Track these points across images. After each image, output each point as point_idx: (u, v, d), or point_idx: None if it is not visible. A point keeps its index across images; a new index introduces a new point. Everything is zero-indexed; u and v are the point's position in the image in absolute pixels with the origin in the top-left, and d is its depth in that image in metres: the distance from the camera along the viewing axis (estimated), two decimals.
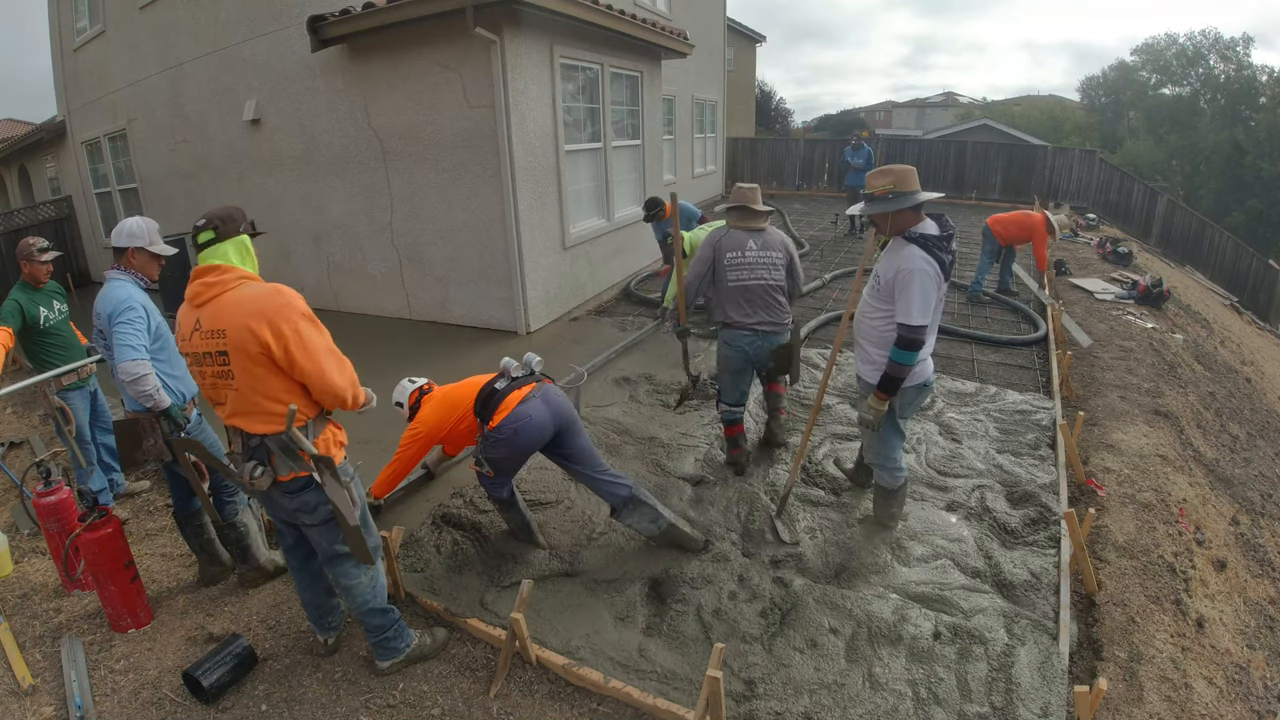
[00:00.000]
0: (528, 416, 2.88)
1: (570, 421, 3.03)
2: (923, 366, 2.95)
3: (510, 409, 2.88)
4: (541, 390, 2.99)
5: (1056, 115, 32.28)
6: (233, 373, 2.01)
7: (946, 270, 2.77)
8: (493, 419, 2.91)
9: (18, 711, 2.45)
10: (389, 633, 2.48)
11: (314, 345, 2.03)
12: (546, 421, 2.92)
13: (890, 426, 3.09)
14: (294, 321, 2.00)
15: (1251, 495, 4.49)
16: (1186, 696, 2.47)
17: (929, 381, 3.04)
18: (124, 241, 2.85)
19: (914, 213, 2.82)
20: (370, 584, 2.38)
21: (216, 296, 2.03)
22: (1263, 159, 24.62)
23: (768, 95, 34.13)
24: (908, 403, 3.06)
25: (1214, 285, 13.47)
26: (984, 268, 7.35)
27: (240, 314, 1.97)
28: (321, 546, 2.31)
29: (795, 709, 2.33)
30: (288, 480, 2.14)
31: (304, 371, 2.03)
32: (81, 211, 10.83)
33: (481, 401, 2.98)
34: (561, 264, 6.82)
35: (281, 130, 7.25)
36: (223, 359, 2.01)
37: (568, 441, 3.03)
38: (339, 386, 2.10)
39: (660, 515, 3.09)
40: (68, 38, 9.89)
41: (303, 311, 2.04)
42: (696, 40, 9.46)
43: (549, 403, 2.96)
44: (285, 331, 1.97)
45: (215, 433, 3.05)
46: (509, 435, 2.87)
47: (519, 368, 3.10)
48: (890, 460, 3.15)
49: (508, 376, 3.04)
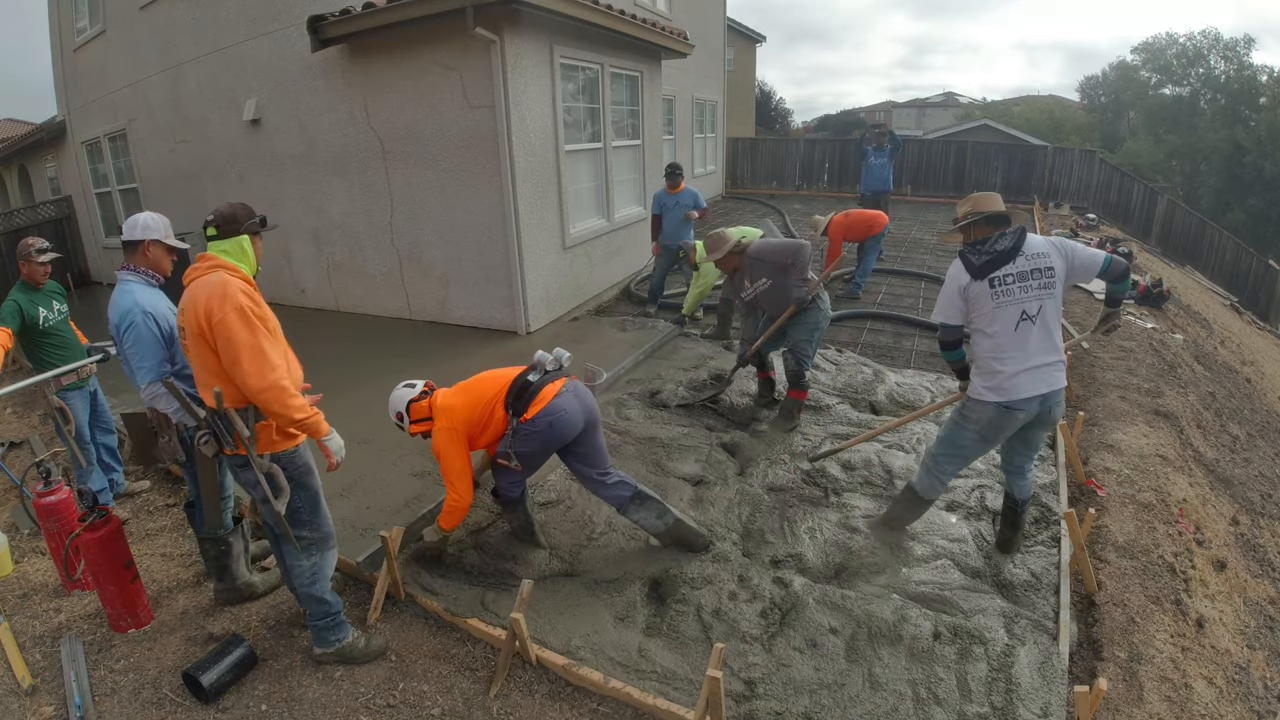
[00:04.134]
0: (563, 410, 2.87)
1: (595, 420, 3.04)
2: (1003, 380, 2.78)
3: (546, 401, 2.87)
4: (572, 385, 2.99)
5: (1056, 115, 32.26)
6: (189, 348, 2.25)
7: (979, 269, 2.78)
8: (527, 411, 2.87)
9: (18, 711, 2.45)
10: (322, 622, 2.57)
11: (235, 338, 2.13)
12: (578, 416, 2.92)
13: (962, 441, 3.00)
14: (224, 311, 2.13)
15: (1251, 495, 4.49)
16: (1186, 696, 2.47)
17: (1010, 404, 2.77)
18: (138, 234, 2.78)
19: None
20: (310, 570, 2.48)
21: (192, 280, 2.25)
22: (1263, 159, 24.60)
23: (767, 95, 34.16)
24: (988, 422, 2.86)
25: (1214, 285, 13.47)
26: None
27: (194, 297, 2.18)
28: (267, 523, 2.50)
29: (795, 709, 2.33)
30: (231, 456, 2.33)
31: (223, 359, 2.18)
32: (81, 211, 10.82)
33: (515, 393, 2.93)
34: (561, 264, 6.82)
35: (282, 130, 7.25)
36: (183, 334, 2.27)
37: (587, 440, 3.01)
38: (249, 383, 2.16)
39: (667, 510, 3.10)
40: (68, 38, 9.88)
41: (237, 305, 2.14)
42: (696, 40, 9.45)
43: (579, 398, 2.96)
44: (216, 318, 2.13)
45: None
46: (543, 428, 2.85)
47: (552, 360, 3.06)
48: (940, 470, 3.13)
49: (541, 369, 3.01)
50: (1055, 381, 2.78)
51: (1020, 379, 2.73)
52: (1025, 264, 2.70)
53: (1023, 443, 3.02)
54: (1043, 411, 2.82)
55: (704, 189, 15.06)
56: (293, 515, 2.41)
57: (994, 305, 2.73)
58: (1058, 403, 2.84)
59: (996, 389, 2.77)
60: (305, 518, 2.44)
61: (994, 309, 2.73)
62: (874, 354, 5.83)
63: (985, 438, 2.90)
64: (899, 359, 5.69)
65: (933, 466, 3.10)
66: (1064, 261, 2.75)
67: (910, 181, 15.39)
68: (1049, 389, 2.76)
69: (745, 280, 4.44)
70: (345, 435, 2.54)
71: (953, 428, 3.01)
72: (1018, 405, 2.76)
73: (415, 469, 3.98)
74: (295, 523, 2.42)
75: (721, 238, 4.52)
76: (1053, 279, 2.72)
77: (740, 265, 4.46)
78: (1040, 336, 2.74)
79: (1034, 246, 2.74)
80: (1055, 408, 2.84)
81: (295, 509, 2.40)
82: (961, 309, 2.84)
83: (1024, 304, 2.71)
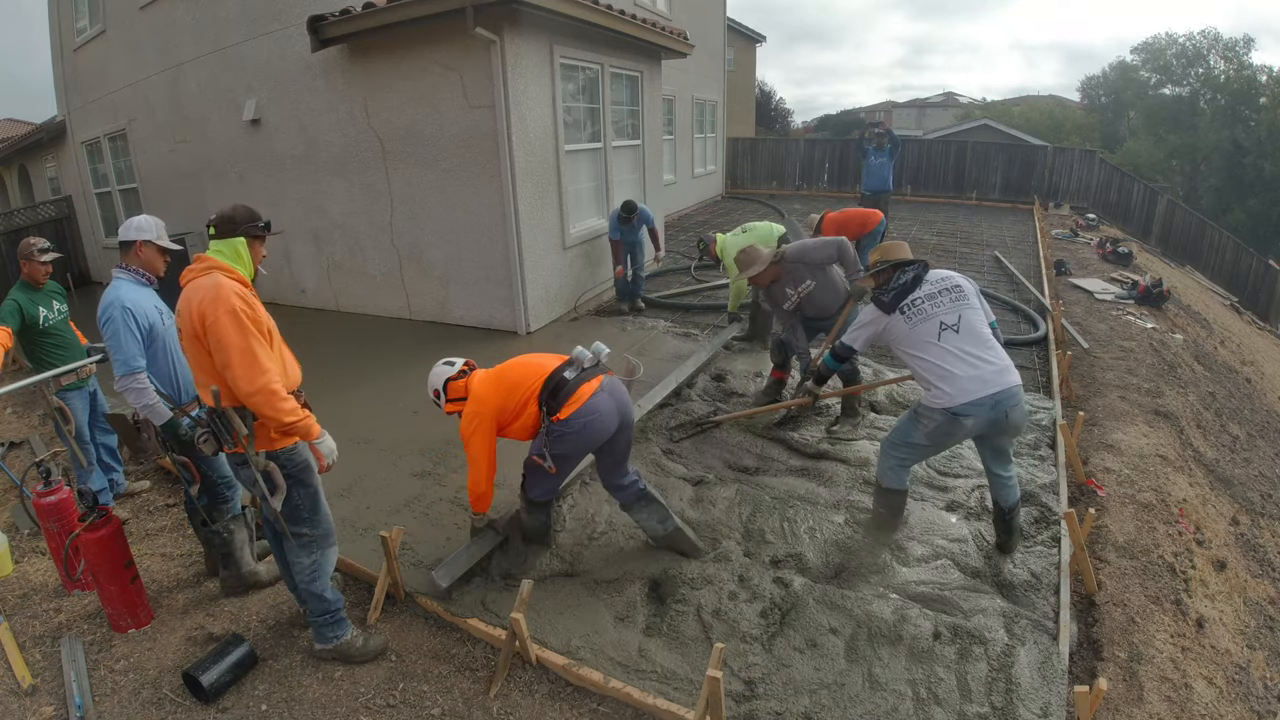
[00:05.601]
0: (597, 411, 2.75)
1: (629, 419, 2.92)
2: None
3: (582, 401, 2.74)
4: (609, 383, 2.87)
5: (1056, 115, 32.24)
6: (186, 348, 2.30)
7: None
8: (562, 410, 2.74)
9: (18, 711, 2.45)
10: (321, 619, 2.58)
11: (226, 340, 2.15)
12: (612, 417, 2.81)
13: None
14: (216, 313, 2.15)
15: (1251, 495, 4.49)
16: (1186, 696, 2.47)
17: (956, 410, 2.82)
18: (131, 235, 2.87)
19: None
20: (311, 567, 2.50)
21: (188, 281, 2.27)
22: (1263, 159, 24.61)
23: (767, 95, 34.15)
24: (936, 427, 2.95)
25: (1214, 285, 13.47)
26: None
27: (189, 298, 2.21)
28: (267, 520, 2.54)
29: (795, 709, 2.33)
30: (230, 454, 2.37)
31: (215, 361, 2.20)
32: (81, 211, 10.82)
33: (550, 390, 2.79)
34: (562, 264, 6.82)
35: (282, 130, 7.25)
36: (180, 335, 2.32)
37: (619, 440, 2.91)
38: (239, 386, 2.17)
39: (669, 516, 3.08)
40: (68, 38, 9.88)
41: (230, 308, 2.16)
42: (696, 40, 9.45)
43: (615, 397, 2.85)
44: (209, 320, 2.16)
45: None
46: (578, 429, 2.74)
47: (590, 358, 2.91)
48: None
49: (579, 366, 2.87)
50: (1002, 381, 2.79)
51: (960, 383, 2.80)
52: (931, 288, 2.97)
53: (991, 450, 3.05)
54: (997, 416, 2.81)
55: (704, 189, 15.10)
56: (293, 512, 2.41)
57: (909, 328, 2.94)
58: (1013, 405, 2.81)
59: (941, 397, 2.85)
60: (305, 515, 2.44)
61: (910, 330, 2.94)
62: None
63: (933, 441, 3.02)
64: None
65: (888, 455, 3.16)
66: (970, 283, 3.04)
67: (910, 181, 15.39)
68: (998, 389, 2.77)
69: (787, 289, 4.24)
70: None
71: (906, 423, 3.11)
72: (964, 411, 2.80)
73: (415, 469, 3.98)
74: (295, 520, 2.43)
75: (755, 253, 4.32)
76: (962, 294, 2.95)
77: (780, 275, 4.27)
78: (970, 341, 2.86)
79: (937, 274, 3.05)
80: (1012, 411, 2.81)
81: (295, 506, 2.40)
82: (868, 339, 3.16)
83: (940, 316, 2.91)
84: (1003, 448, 3.04)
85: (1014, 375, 2.85)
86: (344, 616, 2.64)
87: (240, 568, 3.04)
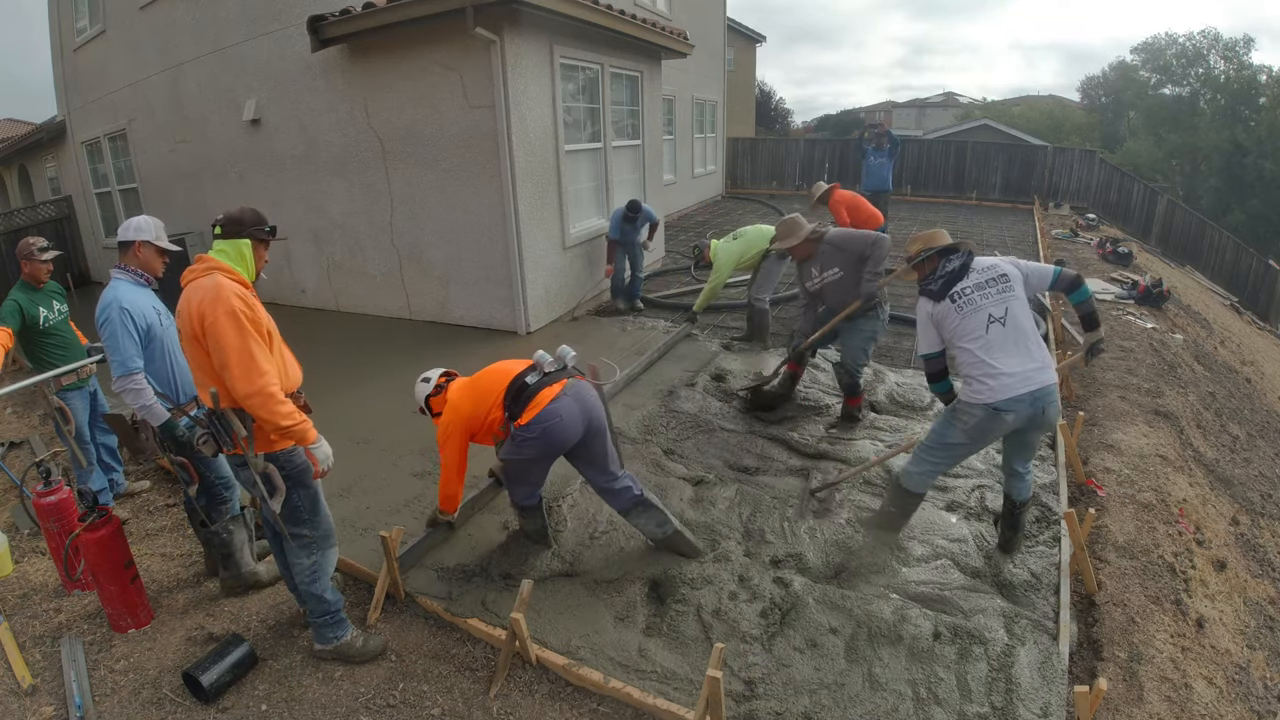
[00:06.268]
0: (558, 416, 2.75)
1: (600, 423, 2.91)
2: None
3: (542, 406, 2.75)
4: (574, 387, 2.85)
5: (1056, 115, 32.25)
6: (186, 349, 2.30)
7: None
8: (522, 415, 2.77)
9: (18, 711, 2.45)
10: (321, 619, 2.59)
11: (224, 342, 2.15)
12: (576, 422, 2.80)
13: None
14: (215, 314, 2.15)
15: (1251, 495, 4.49)
16: (1186, 696, 2.47)
17: (998, 405, 2.82)
18: (130, 235, 2.87)
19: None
20: (311, 568, 2.50)
21: (189, 282, 2.27)
22: (1263, 159, 24.61)
23: (767, 95, 34.19)
24: (976, 424, 2.92)
25: (1214, 285, 13.47)
26: None
27: (189, 298, 2.21)
28: (267, 521, 2.54)
29: (795, 709, 2.33)
30: (230, 455, 2.39)
31: (214, 362, 2.20)
32: (81, 211, 10.82)
33: (512, 395, 2.82)
34: (561, 264, 6.82)
35: (282, 130, 7.25)
36: (181, 335, 2.31)
37: (591, 444, 2.91)
38: (237, 387, 2.17)
39: (668, 520, 3.08)
40: (68, 38, 9.88)
41: (229, 309, 2.15)
42: (696, 40, 9.45)
43: (580, 401, 2.83)
44: (208, 321, 2.16)
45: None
46: (539, 434, 2.75)
47: (552, 362, 2.93)
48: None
49: (540, 370, 2.89)
50: (1041, 379, 2.79)
51: (1004, 380, 2.78)
52: (978, 277, 2.90)
53: (1020, 445, 3.04)
54: (1034, 413, 2.82)
55: (704, 189, 15.11)
56: (293, 514, 2.41)
57: (960, 318, 2.86)
58: (1050, 403, 2.83)
59: (983, 392, 2.82)
60: (305, 516, 2.44)
61: (960, 321, 2.86)
62: (874, 353, 5.83)
63: (972, 439, 2.97)
64: (899, 359, 5.69)
65: (921, 460, 3.13)
66: (1016, 269, 2.92)
67: (910, 182, 15.39)
68: (1037, 386, 2.78)
69: (814, 269, 4.30)
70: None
71: (943, 425, 3.05)
72: (1005, 406, 2.79)
73: (415, 469, 3.98)
74: (295, 521, 2.43)
75: (796, 223, 4.36)
76: (1009, 284, 2.88)
77: (813, 253, 4.31)
78: (1014, 337, 2.83)
79: (983, 262, 2.95)
80: (1048, 408, 2.83)
81: (295, 507, 2.41)
82: (935, 335, 2.98)
83: (988, 309, 2.84)
84: (1032, 443, 3.07)
85: (1051, 373, 2.86)
86: (344, 617, 2.64)
87: (240, 568, 3.04)
